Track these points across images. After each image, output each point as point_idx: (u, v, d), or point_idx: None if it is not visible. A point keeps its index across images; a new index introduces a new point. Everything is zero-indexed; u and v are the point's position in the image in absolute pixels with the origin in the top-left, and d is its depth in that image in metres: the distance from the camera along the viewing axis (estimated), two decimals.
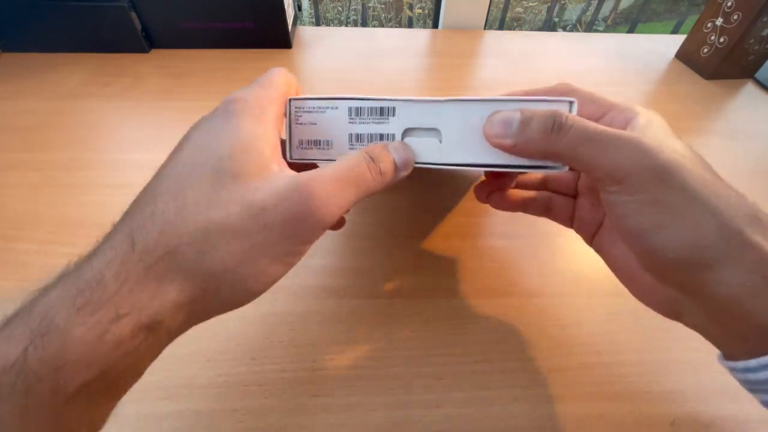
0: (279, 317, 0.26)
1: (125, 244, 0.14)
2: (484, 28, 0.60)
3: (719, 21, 0.48)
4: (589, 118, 0.18)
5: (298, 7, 0.58)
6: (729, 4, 0.47)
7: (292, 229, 0.16)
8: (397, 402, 0.23)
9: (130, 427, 0.22)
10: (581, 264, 0.30)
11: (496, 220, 0.33)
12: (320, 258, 0.30)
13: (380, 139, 0.20)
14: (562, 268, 0.30)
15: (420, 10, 1.86)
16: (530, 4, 2.03)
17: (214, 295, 0.15)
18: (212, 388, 0.23)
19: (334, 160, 0.18)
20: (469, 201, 0.34)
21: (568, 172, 0.22)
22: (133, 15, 0.46)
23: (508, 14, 1.65)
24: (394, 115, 0.20)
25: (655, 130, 0.18)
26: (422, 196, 0.34)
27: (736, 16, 0.46)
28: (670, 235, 0.16)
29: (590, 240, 0.23)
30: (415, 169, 0.20)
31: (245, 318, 0.26)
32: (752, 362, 0.16)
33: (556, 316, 0.27)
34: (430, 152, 0.20)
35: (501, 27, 1.29)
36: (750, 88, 0.50)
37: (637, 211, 0.16)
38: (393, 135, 0.20)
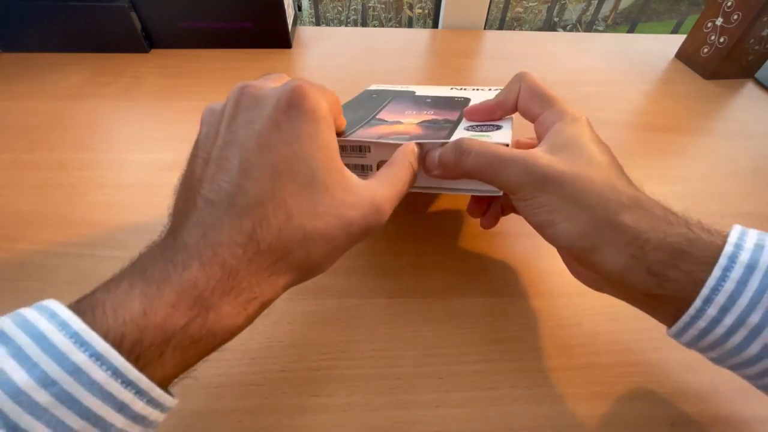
0: (279, 317, 0.26)
1: (251, 246, 0.16)
2: (484, 28, 0.60)
3: (719, 21, 0.48)
4: (532, 113, 0.24)
5: (298, 7, 0.58)
6: (729, 4, 0.47)
7: (364, 236, 0.20)
8: (397, 402, 0.23)
9: None
10: None
11: None
12: None
13: (362, 170, 0.25)
14: (562, 268, 0.30)
15: (420, 10, 1.86)
16: (530, 4, 2.03)
17: (306, 278, 0.19)
18: (212, 388, 0.23)
19: None
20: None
21: None
22: (133, 15, 0.46)
23: (508, 14, 1.65)
24: (370, 152, 0.25)
25: (561, 136, 0.22)
26: (422, 196, 0.34)
27: (736, 16, 0.46)
28: (556, 229, 0.20)
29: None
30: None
31: None
32: (672, 330, 0.19)
33: (556, 316, 0.27)
34: None
35: (501, 27, 1.29)
36: (750, 88, 0.50)
37: (531, 213, 0.21)
38: (371, 166, 0.25)
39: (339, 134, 0.25)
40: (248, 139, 0.17)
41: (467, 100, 0.30)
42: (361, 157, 0.25)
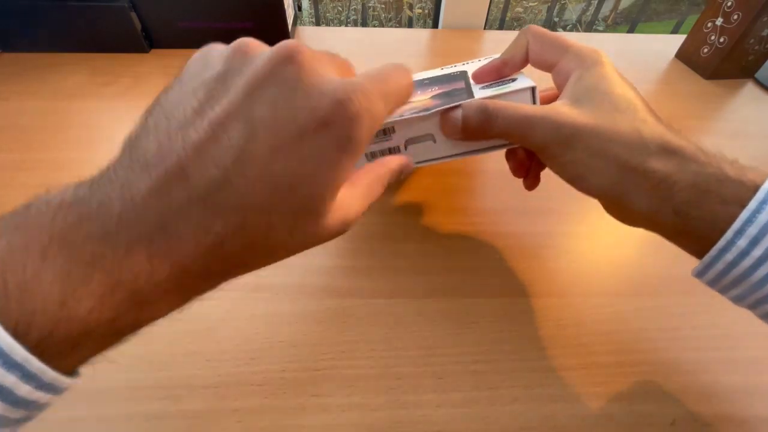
0: (279, 317, 0.26)
1: (214, 251, 0.14)
2: (484, 28, 0.60)
3: (719, 21, 0.48)
4: (547, 63, 0.24)
5: (298, 7, 0.58)
6: (729, 4, 0.47)
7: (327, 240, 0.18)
8: (397, 402, 0.23)
9: (130, 427, 0.22)
10: (581, 264, 0.30)
11: (496, 219, 0.33)
12: (320, 258, 0.30)
13: (389, 152, 0.25)
14: (562, 268, 0.30)
15: (420, 10, 1.86)
16: (530, 4, 2.03)
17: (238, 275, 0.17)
18: (212, 388, 0.23)
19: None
20: (469, 201, 0.35)
21: None
22: (133, 15, 0.46)
23: (508, 14, 1.65)
24: (394, 132, 0.24)
25: (583, 85, 0.22)
26: (422, 196, 0.34)
27: (736, 16, 0.46)
28: (587, 182, 0.21)
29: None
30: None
31: (245, 318, 0.26)
32: (699, 266, 0.19)
33: (556, 316, 0.27)
34: (428, 152, 0.25)
35: (501, 27, 1.29)
36: (750, 88, 0.50)
37: (561, 169, 0.22)
38: (398, 147, 0.25)
39: None
40: (263, 129, 0.14)
41: (464, 72, 0.30)
42: (388, 140, 0.24)
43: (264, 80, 0.14)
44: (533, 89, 0.23)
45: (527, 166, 0.27)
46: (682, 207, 0.19)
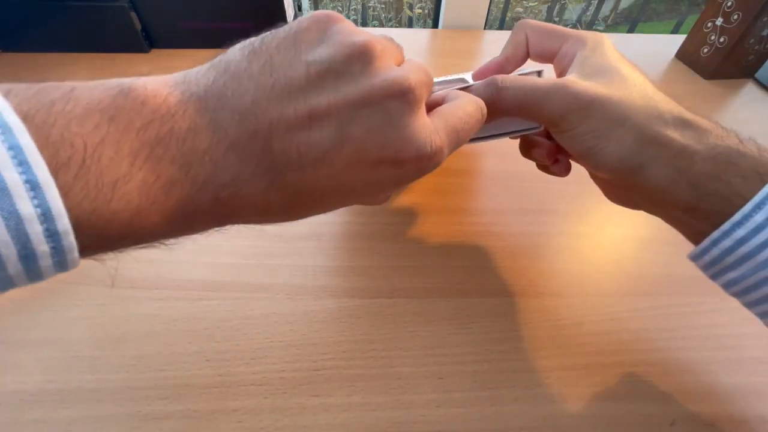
0: (279, 317, 0.26)
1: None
2: (484, 28, 0.60)
3: (719, 21, 0.48)
4: (549, 51, 0.24)
5: (298, 7, 0.58)
6: (729, 4, 0.47)
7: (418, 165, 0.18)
8: (397, 402, 0.23)
9: (130, 427, 0.22)
10: (581, 264, 0.30)
11: (495, 219, 0.33)
12: (320, 258, 0.30)
13: None
14: (562, 268, 0.30)
15: (420, 10, 1.86)
16: (530, 4, 2.03)
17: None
18: (212, 388, 0.23)
19: None
20: (469, 201, 0.35)
21: None
22: (133, 15, 0.46)
23: (508, 14, 1.65)
24: None
25: (590, 63, 0.22)
26: (421, 197, 0.34)
27: (736, 16, 0.46)
28: (603, 154, 0.20)
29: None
30: None
31: (245, 318, 0.26)
32: (705, 242, 0.19)
33: (556, 316, 0.27)
34: None
35: (501, 27, 1.29)
36: (750, 88, 0.50)
37: (576, 142, 0.21)
38: None
39: None
40: (350, 144, 0.15)
41: (461, 78, 0.30)
42: None
43: (373, 103, 0.15)
44: (539, 72, 0.23)
45: (554, 149, 0.26)
46: (699, 179, 0.18)
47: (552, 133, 0.22)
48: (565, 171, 0.26)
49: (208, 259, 0.29)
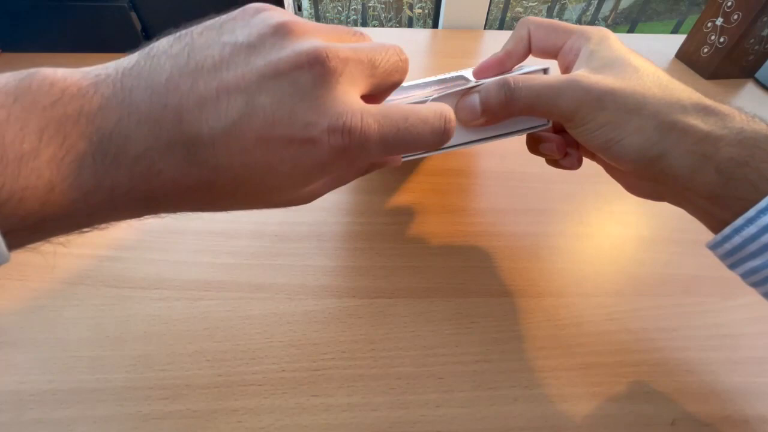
0: (279, 317, 0.26)
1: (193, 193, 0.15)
2: (484, 28, 0.60)
3: (719, 21, 0.48)
4: (553, 47, 0.24)
5: (298, 7, 0.58)
6: (729, 4, 0.47)
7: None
8: (397, 402, 0.23)
9: (130, 427, 0.22)
10: (581, 264, 0.30)
11: (495, 219, 0.33)
12: (320, 258, 0.30)
13: None
14: (562, 268, 0.30)
15: (420, 10, 1.86)
16: (530, 4, 2.03)
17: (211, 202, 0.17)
18: (212, 388, 0.23)
19: None
20: (469, 201, 0.35)
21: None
22: (133, 15, 0.46)
23: (508, 14, 1.65)
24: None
25: (598, 57, 0.21)
26: (421, 197, 0.34)
27: (736, 16, 0.46)
28: (622, 145, 0.20)
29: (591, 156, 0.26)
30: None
31: (245, 318, 0.26)
32: (727, 230, 0.19)
33: (556, 316, 0.27)
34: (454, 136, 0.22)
35: (501, 27, 1.29)
36: (750, 88, 0.50)
37: (592, 136, 0.20)
38: None
39: None
40: (259, 116, 0.15)
41: (460, 75, 0.29)
42: None
43: (281, 75, 0.15)
44: (546, 70, 0.23)
45: (563, 143, 0.26)
46: (726, 165, 0.18)
47: (568, 129, 0.22)
48: (578, 163, 0.26)
49: (208, 259, 0.29)
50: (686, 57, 0.54)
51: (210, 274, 0.28)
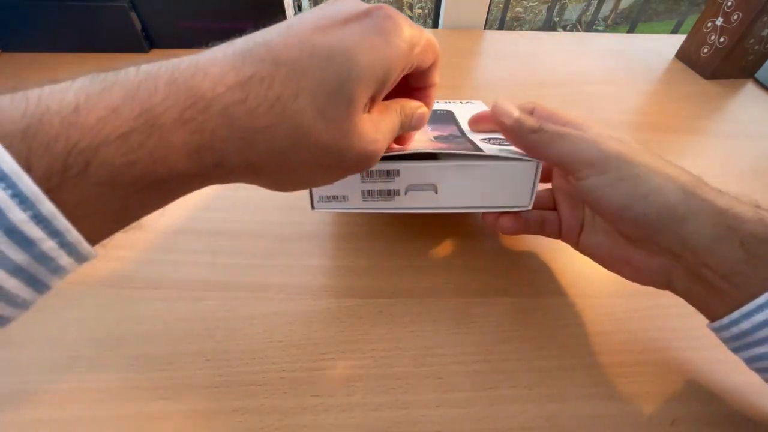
0: (279, 317, 0.26)
1: (238, 92, 0.14)
2: (484, 28, 0.60)
3: (719, 21, 0.48)
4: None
5: (298, 7, 0.58)
6: (729, 4, 0.47)
7: (348, 174, 0.18)
8: (397, 402, 0.23)
9: (130, 427, 0.22)
10: (581, 264, 0.30)
11: None
12: (320, 258, 0.30)
13: (387, 195, 0.24)
14: (562, 268, 0.30)
15: (420, 10, 1.86)
16: (530, 4, 2.03)
17: (275, 180, 0.17)
18: (212, 388, 0.23)
19: (350, 210, 0.25)
20: None
21: (543, 191, 0.28)
22: (133, 15, 0.46)
23: (508, 14, 1.65)
24: (398, 176, 0.24)
25: (603, 137, 0.21)
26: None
27: (736, 16, 0.46)
28: (645, 204, 0.19)
29: (576, 243, 0.27)
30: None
31: (245, 318, 0.26)
32: (735, 314, 0.18)
33: (556, 316, 0.27)
34: (427, 201, 0.25)
35: (501, 27, 1.29)
36: (750, 88, 0.50)
37: (612, 188, 0.20)
38: (398, 190, 0.24)
39: None
40: (310, 16, 0.16)
41: (450, 112, 0.30)
42: (390, 182, 0.24)
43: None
44: (538, 166, 0.24)
45: (523, 224, 0.27)
46: (749, 240, 0.17)
47: (579, 182, 0.21)
48: (522, 229, 0.27)
49: (208, 259, 0.29)
50: (686, 57, 0.54)
51: (210, 274, 0.28)
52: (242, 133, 0.14)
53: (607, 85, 0.49)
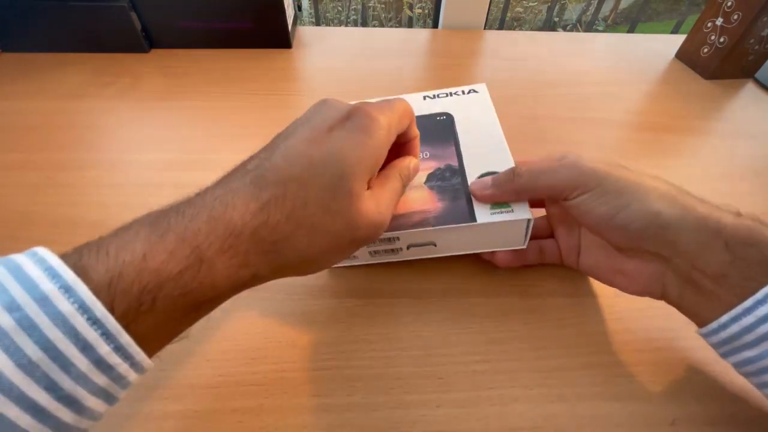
0: (279, 317, 0.26)
1: (261, 215, 0.17)
2: (484, 28, 0.60)
3: (719, 21, 0.48)
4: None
5: (298, 7, 0.58)
6: (729, 4, 0.47)
7: (361, 246, 0.21)
8: (397, 402, 0.23)
9: (130, 427, 0.22)
10: None
11: None
12: None
13: (392, 252, 0.27)
14: (562, 268, 0.30)
15: (420, 10, 1.86)
16: (530, 4, 2.03)
17: (301, 270, 0.20)
18: (212, 388, 0.23)
19: (359, 264, 0.28)
20: None
21: (538, 219, 0.28)
22: (133, 15, 0.46)
23: (508, 14, 1.65)
24: (399, 240, 0.26)
25: (582, 159, 0.23)
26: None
27: (736, 16, 0.46)
28: (629, 212, 0.20)
29: (576, 264, 0.27)
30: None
31: (245, 318, 0.26)
32: (724, 317, 0.19)
33: (556, 316, 0.27)
34: (429, 252, 0.27)
35: (501, 27, 1.29)
36: (750, 88, 0.50)
37: (598, 203, 0.21)
38: (401, 248, 0.26)
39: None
40: (300, 129, 0.19)
41: (449, 118, 0.30)
42: (391, 244, 0.26)
43: (304, 114, 0.20)
44: (528, 221, 0.24)
45: (515, 258, 0.28)
46: (733, 242, 0.18)
47: (569, 203, 0.23)
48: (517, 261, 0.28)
49: None
50: (686, 57, 0.54)
51: None
52: (269, 246, 0.17)
53: (607, 85, 0.49)
